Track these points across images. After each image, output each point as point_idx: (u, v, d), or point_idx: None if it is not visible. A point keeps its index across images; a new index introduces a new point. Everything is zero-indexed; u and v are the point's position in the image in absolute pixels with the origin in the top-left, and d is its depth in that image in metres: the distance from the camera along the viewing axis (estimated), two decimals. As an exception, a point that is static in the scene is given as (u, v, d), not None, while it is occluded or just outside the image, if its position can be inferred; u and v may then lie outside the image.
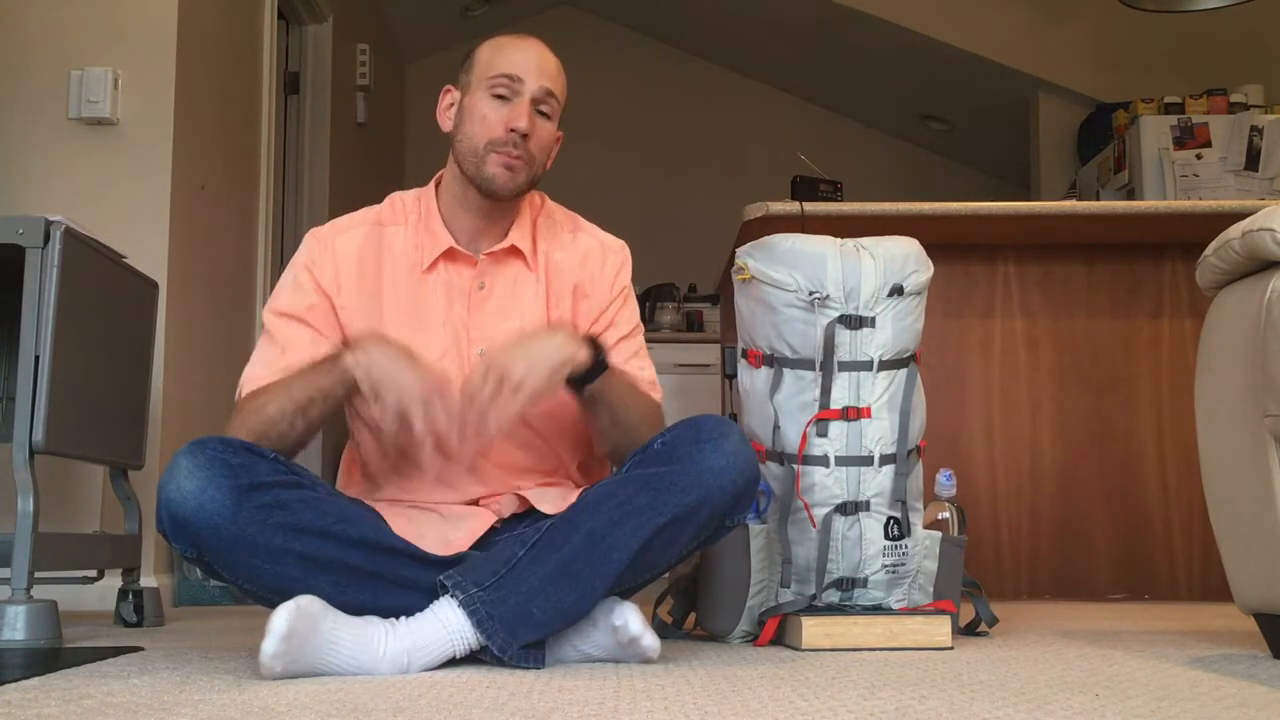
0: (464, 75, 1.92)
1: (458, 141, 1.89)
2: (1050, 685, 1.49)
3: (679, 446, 1.71)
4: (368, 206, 1.98)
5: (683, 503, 1.67)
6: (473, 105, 1.88)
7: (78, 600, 2.83)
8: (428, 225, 1.91)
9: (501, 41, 1.92)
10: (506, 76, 1.86)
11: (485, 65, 1.88)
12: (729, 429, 1.74)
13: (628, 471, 1.72)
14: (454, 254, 1.90)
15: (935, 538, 2.13)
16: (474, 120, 1.87)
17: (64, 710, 1.30)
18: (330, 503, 1.71)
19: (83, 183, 3.11)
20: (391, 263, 1.89)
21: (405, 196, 1.98)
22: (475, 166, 1.86)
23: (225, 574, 1.66)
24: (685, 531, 1.69)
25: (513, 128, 1.84)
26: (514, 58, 1.88)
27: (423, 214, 1.93)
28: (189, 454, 1.62)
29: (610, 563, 1.64)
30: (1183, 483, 3.38)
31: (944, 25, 5.73)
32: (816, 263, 2.00)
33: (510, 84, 1.86)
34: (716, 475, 1.69)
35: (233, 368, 3.62)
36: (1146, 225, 3.32)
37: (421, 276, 1.89)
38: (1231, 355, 1.81)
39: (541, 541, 1.66)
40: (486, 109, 1.86)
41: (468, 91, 1.90)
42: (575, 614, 1.66)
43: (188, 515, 1.60)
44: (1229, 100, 4.98)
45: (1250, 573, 1.82)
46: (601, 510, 1.67)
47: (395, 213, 1.94)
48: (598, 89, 6.95)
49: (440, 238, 1.90)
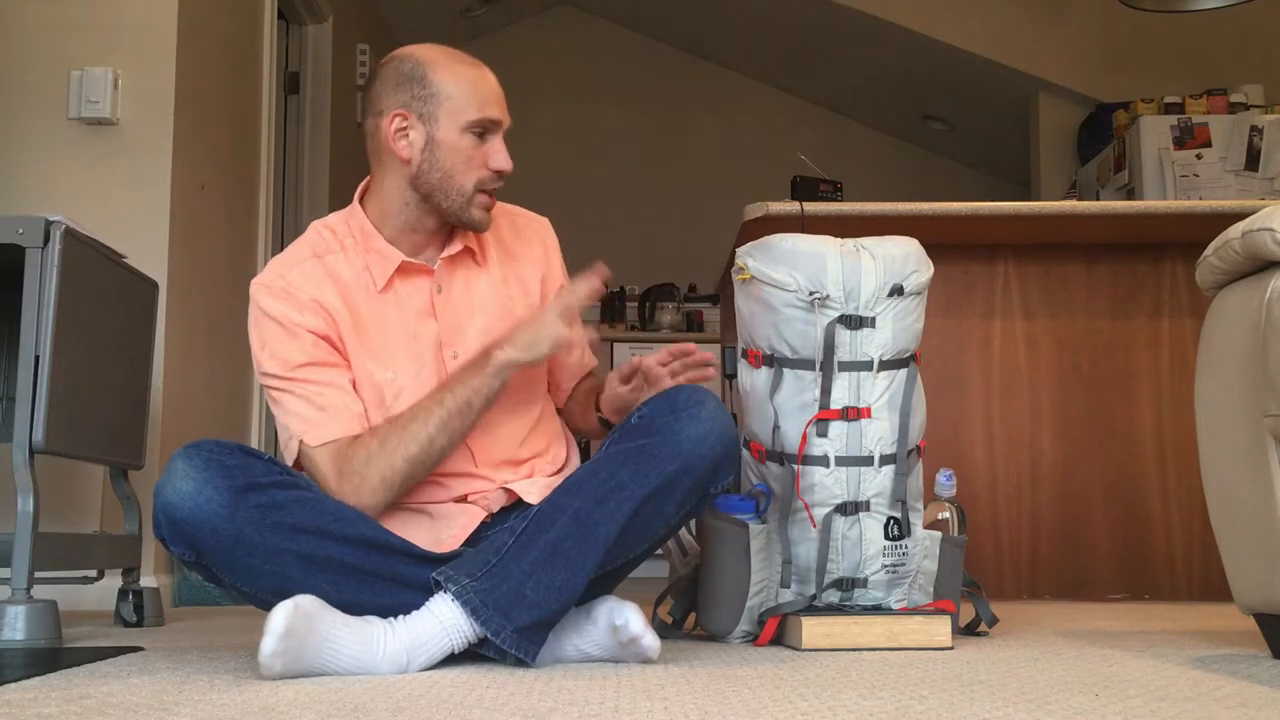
0: (419, 102, 1.84)
1: (426, 174, 1.85)
2: (1050, 685, 1.49)
3: (656, 418, 1.73)
4: (303, 236, 1.95)
5: (664, 472, 1.69)
6: (449, 143, 1.84)
7: (78, 600, 2.84)
8: (370, 245, 1.89)
9: (462, 73, 1.86)
10: (488, 120, 1.85)
11: (460, 103, 1.84)
12: (705, 396, 1.75)
13: (607, 448, 1.74)
14: (407, 268, 1.89)
15: (935, 538, 2.13)
16: (455, 158, 1.84)
17: (64, 710, 1.30)
18: (327, 502, 1.72)
19: (83, 183, 3.11)
20: (343, 289, 1.87)
21: (330, 223, 1.95)
22: (459, 206, 1.86)
23: (224, 576, 1.67)
24: (669, 501, 1.71)
25: (500, 169, 1.86)
26: (486, 96, 1.85)
27: (358, 236, 1.90)
28: (184, 456, 1.63)
29: (598, 539, 1.66)
30: (1183, 483, 3.38)
31: (944, 25, 5.73)
32: (817, 263, 1.99)
33: (490, 125, 1.86)
34: (695, 443, 1.70)
35: (233, 368, 3.66)
36: (1146, 225, 3.32)
37: (378, 296, 1.87)
38: (1231, 355, 1.81)
39: (530, 527, 1.67)
40: (469, 148, 1.84)
41: (434, 124, 1.84)
42: (567, 592, 1.66)
43: (185, 517, 1.61)
44: (1229, 100, 4.98)
45: (1250, 573, 1.82)
46: (586, 489, 1.68)
47: (326, 241, 1.91)
48: (597, 89, 6.95)
49: (390, 256, 1.88)
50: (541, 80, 6.81)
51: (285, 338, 1.82)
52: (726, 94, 6.99)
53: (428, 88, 1.84)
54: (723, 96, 7.01)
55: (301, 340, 1.82)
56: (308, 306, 1.83)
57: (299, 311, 1.83)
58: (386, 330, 1.86)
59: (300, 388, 1.81)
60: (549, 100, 6.61)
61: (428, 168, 1.85)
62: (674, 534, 1.90)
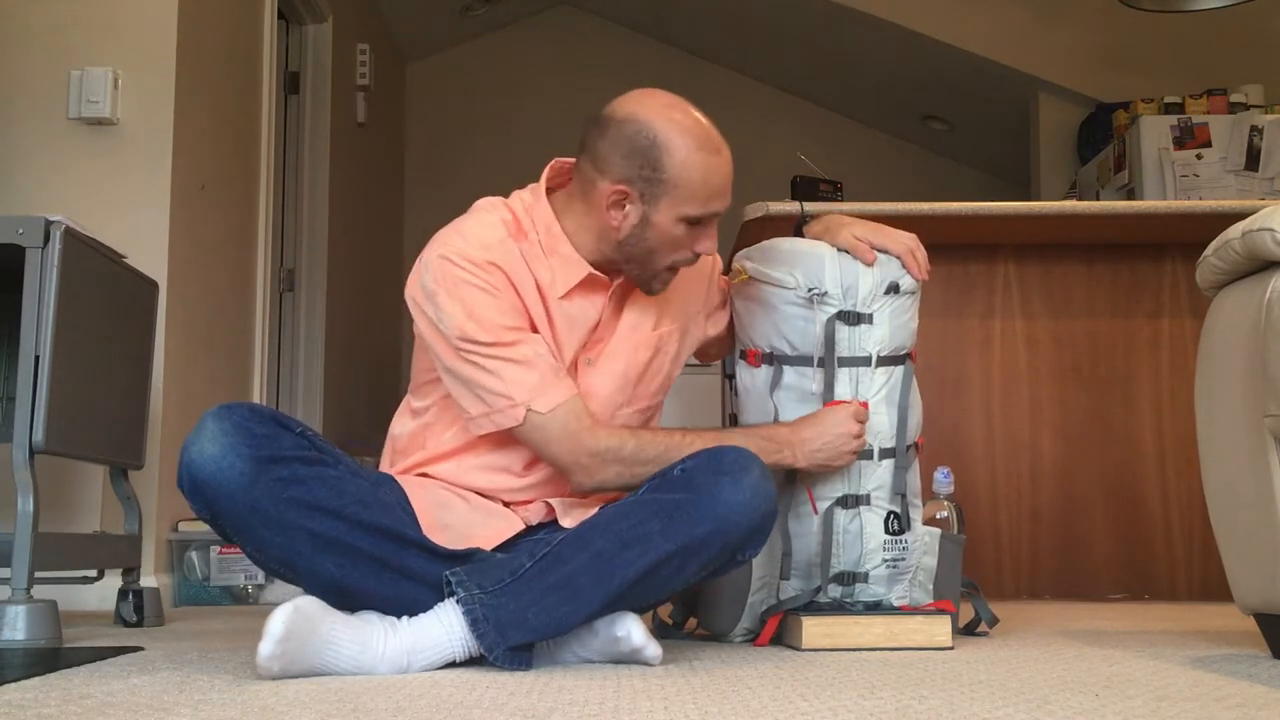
0: (646, 184, 1.78)
1: (628, 246, 1.82)
2: (1050, 685, 1.49)
3: (697, 476, 1.70)
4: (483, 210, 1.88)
5: (693, 533, 1.66)
6: (663, 227, 1.80)
7: (78, 600, 2.84)
8: (554, 248, 1.85)
9: (698, 163, 1.78)
10: (712, 215, 1.81)
11: (686, 194, 1.78)
12: (751, 463, 1.71)
13: (644, 494, 1.72)
14: (589, 281, 1.86)
15: (935, 534, 2.14)
16: (661, 239, 1.81)
17: (64, 710, 1.30)
18: (349, 483, 1.68)
19: (83, 183, 3.10)
20: (531, 280, 1.83)
21: (512, 206, 1.88)
22: (645, 273, 1.85)
23: (235, 539, 1.66)
24: (693, 562, 1.68)
25: (703, 253, 1.85)
26: (715, 189, 1.80)
27: (543, 234, 1.85)
28: (216, 418, 1.62)
29: (612, 581, 1.64)
30: (1183, 483, 3.38)
31: (944, 25, 5.73)
32: (814, 262, 2.01)
33: (710, 219, 1.82)
34: (732, 509, 1.67)
35: (233, 368, 3.66)
36: (1146, 225, 3.32)
37: (554, 300, 1.85)
38: (1231, 355, 1.81)
39: (550, 555, 1.66)
40: (679, 234, 1.81)
41: (654, 207, 1.79)
42: (568, 624, 1.66)
43: (205, 479, 1.60)
44: (1229, 100, 4.98)
45: (1250, 573, 1.82)
46: (613, 530, 1.67)
47: (512, 228, 1.85)
48: (598, 89, 6.94)
49: (576, 266, 1.85)
50: (541, 80, 6.81)
51: (493, 304, 1.78)
52: (726, 94, 6.98)
53: (659, 172, 1.78)
54: (723, 96, 6.99)
55: (508, 307, 1.80)
56: (509, 282, 1.81)
57: (504, 281, 1.80)
58: (552, 332, 1.85)
59: (514, 351, 1.78)
60: (549, 100, 6.61)
61: (634, 243, 1.83)
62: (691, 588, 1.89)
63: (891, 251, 2.01)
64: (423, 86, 6.81)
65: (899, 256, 2.01)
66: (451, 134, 6.76)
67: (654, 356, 1.95)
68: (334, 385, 4.84)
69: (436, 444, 1.91)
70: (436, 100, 6.81)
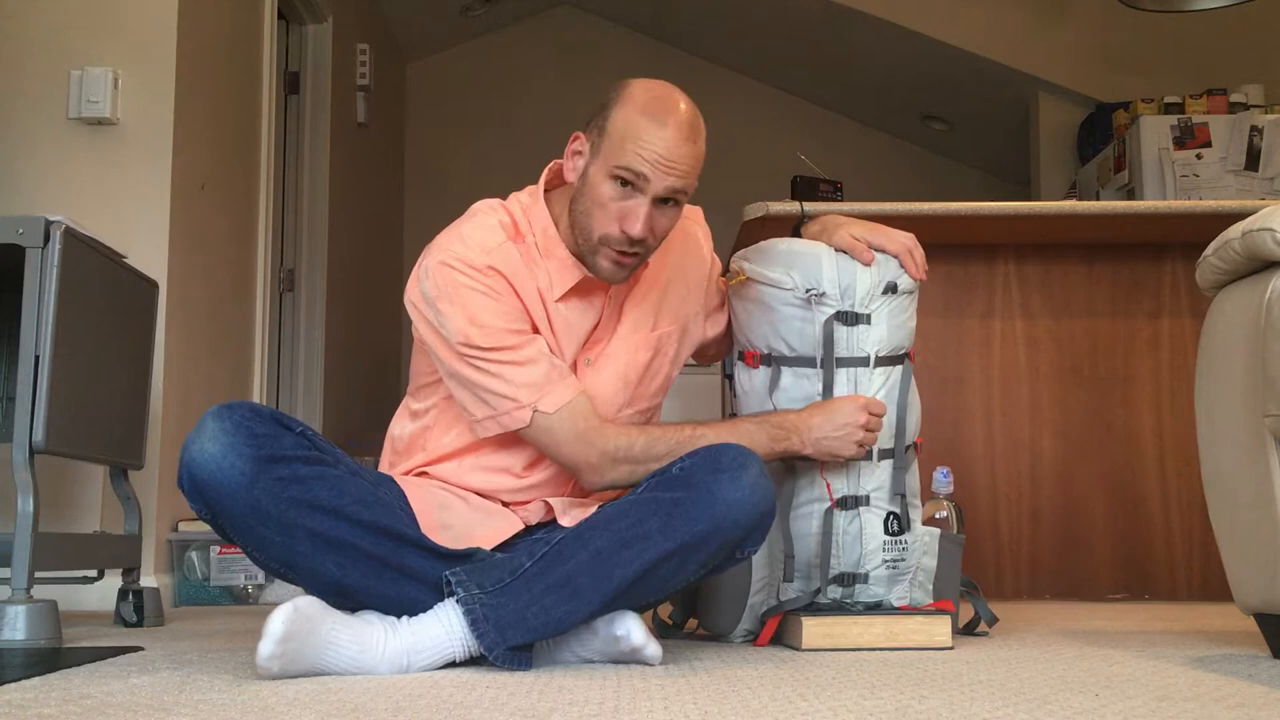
0: (595, 132, 1.80)
1: (576, 205, 1.82)
2: (1050, 685, 1.49)
3: (696, 473, 1.70)
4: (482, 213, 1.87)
5: (692, 531, 1.66)
6: (594, 180, 1.78)
7: (78, 600, 2.84)
8: (550, 250, 1.85)
9: (644, 114, 1.76)
10: (632, 172, 1.75)
11: (618, 141, 1.76)
12: (749, 460, 1.71)
13: (643, 492, 1.72)
14: (584, 285, 1.87)
15: (934, 534, 2.14)
16: (592, 200, 1.79)
17: (64, 710, 1.30)
18: (349, 482, 1.68)
19: (83, 183, 3.10)
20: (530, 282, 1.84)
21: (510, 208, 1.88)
22: (586, 250, 1.82)
23: (235, 539, 1.66)
24: (692, 560, 1.68)
25: (628, 232, 1.77)
26: (646, 148, 1.74)
27: (539, 236, 1.85)
28: (216, 417, 1.62)
29: (611, 580, 1.64)
30: (1183, 483, 3.38)
31: (944, 25, 5.73)
32: (812, 263, 2.00)
33: (635, 179, 1.76)
34: (730, 507, 1.67)
35: (233, 368, 3.66)
36: (1146, 225, 3.32)
37: (551, 303, 1.85)
38: (1231, 355, 1.81)
39: (549, 554, 1.66)
40: (606, 194, 1.77)
41: (595, 157, 1.79)
42: (568, 623, 1.66)
43: (206, 479, 1.60)
44: (1229, 100, 4.98)
45: (1250, 573, 1.82)
46: (612, 529, 1.67)
47: (518, 230, 1.86)
48: (598, 89, 6.94)
49: (570, 270, 1.85)
50: (542, 80, 6.81)
51: (494, 307, 1.78)
52: (726, 94, 6.98)
53: (605, 120, 1.79)
54: (723, 96, 6.98)
55: (510, 310, 1.80)
56: (509, 285, 1.81)
57: (505, 285, 1.80)
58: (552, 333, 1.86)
59: (517, 353, 1.78)
60: (549, 100, 6.61)
61: (578, 198, 1.82)
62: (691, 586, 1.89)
63: (889, 251, 2.01)
64: (423, 86, 6.81)
65: (897, 256, 2.01)
66: (451, 134, 6.75)
67: (654, 357, 1.96)
68: (334, 385, 4.84)
69: (437, 446, 1.91)
70: (436, 100, 6.81)
